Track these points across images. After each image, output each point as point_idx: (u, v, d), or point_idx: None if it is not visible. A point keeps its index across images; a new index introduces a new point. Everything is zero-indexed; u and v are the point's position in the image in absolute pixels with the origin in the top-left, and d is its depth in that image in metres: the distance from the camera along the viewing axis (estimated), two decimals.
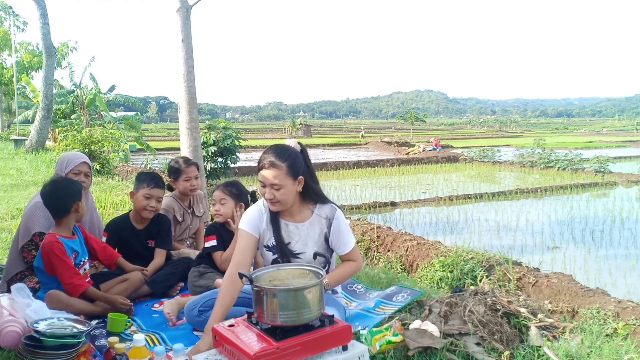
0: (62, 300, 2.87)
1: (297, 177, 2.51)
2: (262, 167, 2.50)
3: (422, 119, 40.92)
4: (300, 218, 2.63)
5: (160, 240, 3.60)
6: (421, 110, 78.57)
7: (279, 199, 2.49)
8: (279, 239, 2.60)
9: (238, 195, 3.41)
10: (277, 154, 2.49)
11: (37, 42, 26.97)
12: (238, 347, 2.01)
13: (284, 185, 2.47)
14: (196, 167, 4.13)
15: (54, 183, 3.08)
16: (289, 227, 2.62)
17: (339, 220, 2.61)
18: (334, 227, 2.61)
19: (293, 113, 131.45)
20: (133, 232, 3.55)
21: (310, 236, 2.61)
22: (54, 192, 2.99)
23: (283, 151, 2.51)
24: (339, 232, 2.62)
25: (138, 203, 3.53)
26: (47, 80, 16.08)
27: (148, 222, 3.60)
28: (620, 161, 17.90)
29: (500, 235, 7.22)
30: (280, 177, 2.45)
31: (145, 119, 69.96)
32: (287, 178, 2.47)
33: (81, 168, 3.48)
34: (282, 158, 2.47)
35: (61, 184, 3.07)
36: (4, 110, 33.58)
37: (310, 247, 2.60)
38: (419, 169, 17.04)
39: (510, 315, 2.91)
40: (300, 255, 2.60)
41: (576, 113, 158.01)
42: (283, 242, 2.60)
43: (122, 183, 9.38)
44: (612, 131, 51.03)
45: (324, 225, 2.62)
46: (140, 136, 19.48)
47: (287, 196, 2.50)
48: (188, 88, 6.01)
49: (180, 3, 6.02)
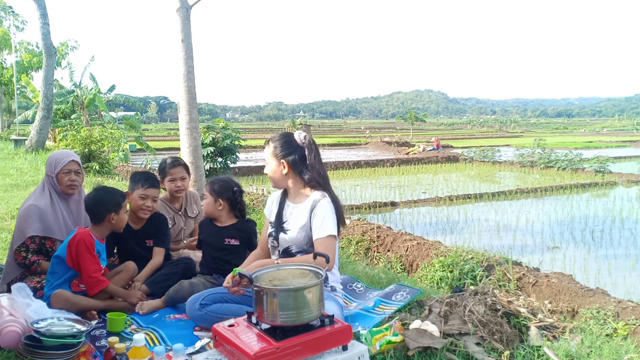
0: (69, 300, 2.92)
1: (280, 159, 2.79)
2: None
3: (422, 119, 40.92)
4: (298, 200, 2.86)
5: (158, 239, 3.59)
6: (421, 110, 78.54)
7: (268, 174, 2.87)
8: (277, 216, 2.89)
9: (218, 191, 3.35)
10: (274, 135, 2.89)
11: (36, 42, 27.00)
12: (238, 347, 2.01)
13: (268, 163, 2.85)
14: (184, 169, 4.05)
15: (97, 191, 3.24)
16: (289, 207, 2.88)
17: (322, 204, 2.73)
18: (316, 210, 2.73)
19: (293, 113, 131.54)
20: (130, 232, 3.53)
21: (299, 217, 2.79)
22: (93, 199, 3.19)
23: (279, 135, 2.88)
24: (317, 215, 2.71)
25: (134, 203, 3.53)
26: (47, 80, 16.08)
27: (145, 222, 3.59)
28: (620, 161, 17.90)
29: (500, 235, 7.22)
30: (267, 155, 2.85)
31: (145, 119, 69.95)
32: (272, 158, 2.82)
33: (70, 167, 3.42)
34: (273, 139, 2.86)
35: (101, 194, 3.23)
36: (4, 110, 33.58)
37: (296, 226, 2.78)
38: (419, 169, 17.04)
39: (510, 315, 2.91)
40: (287, 232, 2.82)
41: (576, 113, 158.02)
42: (280, 219, 2.88)
43: (121, 183, 9.38)
44: (612, 131, 51.02)
45: (310, 207, 2.76)
46: (140, 136, 19.50)
47: (271, 174, 2.85)
48: (188, 88, 6.01)
49: (180, 3, 6.02)
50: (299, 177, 2.81)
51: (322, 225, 2.67)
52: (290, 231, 2.80)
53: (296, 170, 2.79)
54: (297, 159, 2.79)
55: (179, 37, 6.02)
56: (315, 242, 2.68)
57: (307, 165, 2.80)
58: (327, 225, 2.67)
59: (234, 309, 2.73)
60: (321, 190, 2.79)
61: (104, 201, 3.17)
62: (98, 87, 20.89)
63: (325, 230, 2.66)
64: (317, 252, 2.48)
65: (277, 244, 2.85)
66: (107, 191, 3.27)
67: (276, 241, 2.85)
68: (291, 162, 2.78)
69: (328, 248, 2.62)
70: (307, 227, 2.74)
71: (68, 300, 2.91)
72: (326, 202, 2.73)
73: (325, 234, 2.65)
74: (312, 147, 2.83)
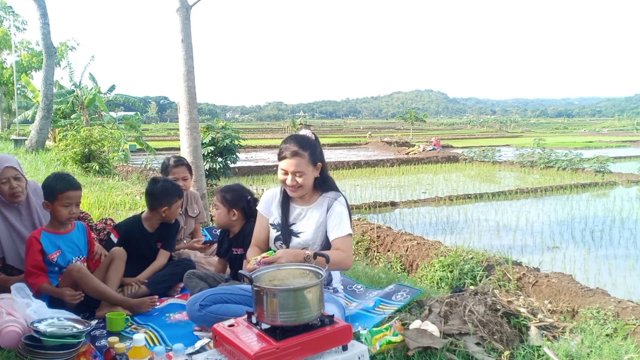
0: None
1: (316, 164, 2.73)
2: (284, 156, 2.69)
3: (422, 119, 40.87)
4: (309, 201, 2.81)
5: (166, 242, 3.61)
6: (421, 110, 78.45)
7: (301, 184, 2.69)
8: (284, 219, 2.81)
9: (231, 201, 3.27)
10: (300, 143, 2.69)
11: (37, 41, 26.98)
12: (238, 347, 2.01)
13: (305, 172, 2.68)
14: (187, 169, 4.04)
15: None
16: (297, 210, 2.81)
17: (339, 203, 2.74)
18: (332, 209, 2.72)
19: (293, 113, 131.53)
20: (144, 235, 3.53)
21: (313, 218, 2.76)
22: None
23: (304, 140, 2.72)
24: (335, 214, 2.71)
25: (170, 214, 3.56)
26: (47, 80, 16.08)
27: (159, 225, 3.59)
28: (620, 161, 17.89)
29: (500, 235, 7.22)
30: (303, 165, 2.67)
31: (145, 119, 69.87)
32: (309, 165, 2.69)
33: (6, 174, 3.06)
34: (304, 147, 2.68)
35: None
36: (4, 110, 33.57)
37: (311, 228, 2.75)
38: (419, 169, 17.04)
39: (510, 315, 2.91)
40: (300, 234, 2.77)
41: (576, 113, 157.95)
42: (287, 222, 2.80)
43: (121, 183, 9.38)
44: (612, 131, 51.00)
45: (326, 208, 2.74)
46: (140, 136, 19.48)
47: (307, 182, 2.71)
48: (188, 88, 6.01)
49: (180, 3, 6.02)
50: (319, 178, 2.78)
51: (341, 224, 2.69)
52: (303, 234, 2.76)
53: (324, 171, 2.78)
54: (322, 157, 2.79)
55: (179, 37, 6.01)
56: (334, 241, 2.69)
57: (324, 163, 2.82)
58: (345, 224, 2.71)
59: (234, 309, 2.73)
60: (332, 189, 2.80)
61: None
62: (98, 87, 20.88)
63: (344, 229, 2.69)
64: (317, 252, 2.48)
65: (287, 247, 2.79)
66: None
67: (285, 245, 2.80)
68: (323, 163, 2.77)
69: (347, 247, 2.67)
70: (322, 227, 2.74)
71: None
72: (342, 201, 2.77)
73: (344, 233, 2.69)
74: (317, 137, 2.86)
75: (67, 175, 3.08)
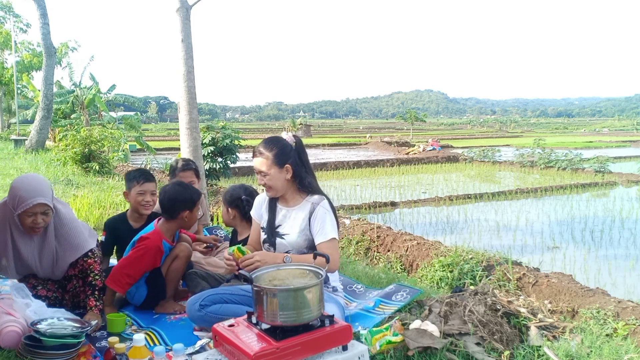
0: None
1: (283, 166, 2.71)
2: (253, 156, 2.79)
3: (422, 119, 40.85)
4: (292, 204, 2.82)
5: None
6: (421, 110, 78.36)
7: (269, 184, 2.73)
8: (270, 221, 2.84)
9: (229, 200, 3.45)
10: (266, 144, 2.76)
11: (37, 41, 26.97)
12: (238, 347, 2.01)
13: (269, 173, 2.71)
14: (194, 173, 4.04)
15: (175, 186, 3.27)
16: (282, 211, 2.83)
17: (322, 207, 2.73)
18: (316, 213, 2.72)
19: (293, 113, 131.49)
20: (130, 231, 3.52)
21: (297, 220, 2.77)
22: (169, 194, 3.19)
23: (271, 141, 2.76)
24: (318, 218, 2.70)
25: (133, 201, 3.54)
26: (47, 80, 16.07)
27: (145, 221, 3.58)
28: (620, 161, 17.88)
29: (500, 235, 7.22)
30: (265, 165, 2.71)
31: (145, 119, 69.91)
32: (273, 166, 2.70)
33: (36, 209, 2.74)
34: (268, 148, 2.73)
35: (178, 189, 3.22)
36: (4, 110, 33.54)
37: (295, 230, 2.75)
38: (419, 169, 17.03)
39: (510, 315, 2.91)
40: (284, 236, 2.78)
41: (576, 113, 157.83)
42: (273, 224, 2.83)
43: (121, 183, 9.37)
44: (612, 131, 50.97)
45: (309, 211, 2.74)
46: (140, 136, 19.47)
47: (274, 182, 2.72)
48: (188, 88, 6.01)
49: (180, 3, 6.01)
50: (297, 180, 2.77)
51: (324, 228, 2.68)
52: (288, 235, 2.77)
53: (297, 173, 2.75)
54: (297, 161, 2.77)
55: (179, 37, 6.01)
56: (318, 246, 2.68)
57: (305, 166, 2.81)
58: (329, 228, 2.68)
59: (234, 309, 2.73)
60: (316, 193, 2.79)
61: (180, 197, 3.16)
62: (98, 87, 20.87)
63: (328, 234, 2.67)
64: (317, 252, 2.48)
65: (273, 250, 2.81)
66: (183, 187, 3.27)
67: (272, 247, 2.82)
68: (293, 165, 2.74)
69: (332, 251, 2.63)
70: (306, 230, 2.73)
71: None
72: (326, 205, 2.74)
73: (328, 238, 2.67)
74: (303, 146, 2.84)
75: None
